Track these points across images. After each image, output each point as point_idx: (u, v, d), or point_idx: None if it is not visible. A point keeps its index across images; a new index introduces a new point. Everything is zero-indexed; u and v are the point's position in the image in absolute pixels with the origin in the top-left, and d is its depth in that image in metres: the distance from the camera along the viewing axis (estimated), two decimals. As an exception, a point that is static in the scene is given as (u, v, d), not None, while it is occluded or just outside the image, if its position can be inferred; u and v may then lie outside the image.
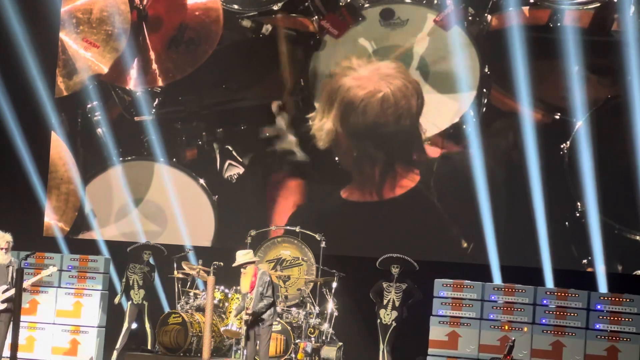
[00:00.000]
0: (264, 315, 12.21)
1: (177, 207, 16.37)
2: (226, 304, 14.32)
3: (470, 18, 15.50)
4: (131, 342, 14.91)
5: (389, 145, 15.58)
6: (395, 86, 15.45)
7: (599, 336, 13.40)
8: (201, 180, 16.48)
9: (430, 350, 13.82)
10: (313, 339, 14.10)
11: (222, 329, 13.17)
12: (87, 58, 16.82)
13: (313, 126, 15.88)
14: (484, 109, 15.44)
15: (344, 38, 16.00)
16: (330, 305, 14.37)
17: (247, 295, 12.29)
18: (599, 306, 13.48)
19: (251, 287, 12.27)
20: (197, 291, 14.77)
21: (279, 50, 16.01)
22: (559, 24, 15.08)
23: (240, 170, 16.32)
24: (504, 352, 12.36)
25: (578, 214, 14.88)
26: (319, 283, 14.59)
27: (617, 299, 13.45)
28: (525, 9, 15.27)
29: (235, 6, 16.41)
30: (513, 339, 12.45)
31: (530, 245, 14.77)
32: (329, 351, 14.21)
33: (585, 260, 14.73)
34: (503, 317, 13.69)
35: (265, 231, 15.56)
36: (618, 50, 14.69)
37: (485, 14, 15.44)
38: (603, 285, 14.39)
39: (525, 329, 13.54)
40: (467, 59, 15.43)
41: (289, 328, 13.90)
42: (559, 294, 13.65)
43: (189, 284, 14.86)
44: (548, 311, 13.58)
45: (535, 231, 14.77)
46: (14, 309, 12.29)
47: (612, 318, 13.40)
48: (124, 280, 14.88)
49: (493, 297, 13.78)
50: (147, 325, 14.71)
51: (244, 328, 12.25)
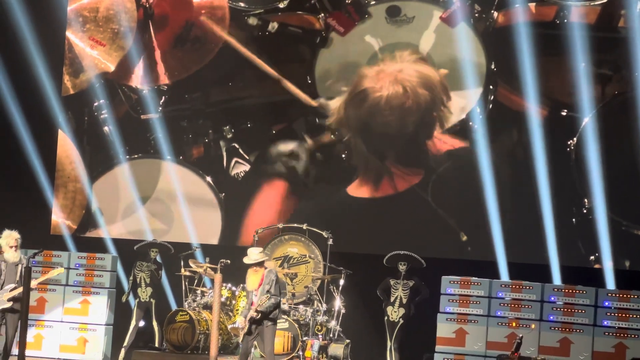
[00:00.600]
0: (270, 314, 12.22)
1: (184, 205, 16.38)
2: (233, 302, 14.34)
3: (476, 15, 15.49)
4: (139, 340, 14.93)
5: (396, 142, 15.57)
6: (412, 85, 15.40)
7: (606, 333, 13.39)
8: (208, 178, 16.49)
9: (437, 347, 13.83)
10: (320, 336, 14.09)
11: (230, 327, 13.17)
12: (94, 56, 16.82)
13: (331, 117, 15.90)
14: (491, 106, 15.42)
15: (350, 35, 15.99)
16: (338, 303, 14.36)
17: (253, 292, 12.29)
18: (606, 303, 13.47)
19: (259, 285, 12.28)
20: (204, 289, 14.78)
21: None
22: (565, 21, 15.06)
23: (247, 167, 16.33)
24: (511, 349, 12.35)
25: (585, 211, 14.85)
26: (326, 280, 14.59)
27: (625, 296, 13.44)
28: (532, 5, 15.24)
29: (242, 4, 16.41)
30: (521, 336, 12.44)
31: (538, 242, 14.75)
32: (337, 348, 14.21)
33: (592, 257, 14.71)
34: (510, 314, 13.68)
35: (272, 228, 15.56)
36: (625, 47, 14.66)
37: (492, 11, 15.42)
38: (611, 282, 14.37)
39: (533, 326, 13.54)
40: (474, 56, 15.41)
41: (296, 325, 13.90)
42: (567, 290, 13.63)
43: (196, 281, 14.86)
44: (556, 308, 13.58)
45: (542, 228, 14.75)
46: (22, 307, 12.29)
47: (620, 315, 13.39)
48: (131, 278, 14.90)
49: (500, 294, 13.78)
50: (155, 323, 14.72)
51: (247, 326, 12.22)
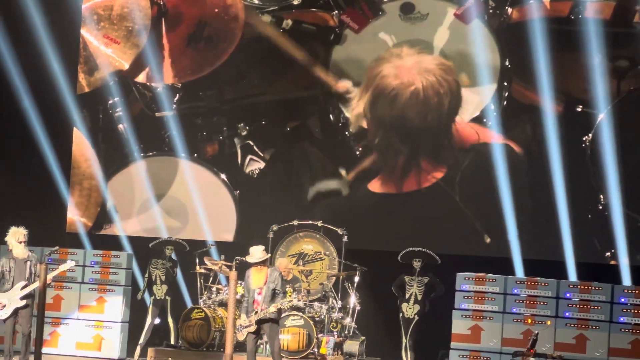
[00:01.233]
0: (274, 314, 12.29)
1: (199, 203, 16.39)
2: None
3: (490, 11, 15.46)
4: (154, 338, 14.96)
5: (413, 139, 15.55)
6: (429, 82, 15.38)
7: (623, 329, 13.35)
8: (222, 175, 16.50)
9: (452, 344, 13.82)
10: (335, 333, 14.09)
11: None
12: (108, 54, 16.85)
13: (349, 110, 15.90)
14: (505, 102, 15.39)
15: (364, 32, 15.98)
16: (353, 300, 14.36)
17: (256, 290, 12.33)
18: (622, 299, 13.43)
19: (264, 283, 12.33)
20: (220, 286, 14.80)
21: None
22: (580, 16, 15.02)
23: (262, 165, 16.34)
24: (527, 346, 12.27)
25: (601, 207, 14.81)
26: (341, 277, 14.60)
27: (641, 292, 13.42)
28: (546, 1, 15.20)
29: (256, 1, 16.42)
30: (536, 332, 12.38)
31: (553, 238, 14.72)
32: (352, 345, 14.21)
33: (608, 253, 14.68)
34: (526, 311, 13.66)
35: (287, 226, 15.58)
36: (640, 42, 14.64)
37: (506, 7, 15.39)
38: (627, 278, 14.33)
39: (549, 323, 13.52)
40: (488, 52, 15.38)
41: (311, 322, 13.91)
42: (582, 287, 13.60)
43: (211, 279, 14.89)
44: (571, 304, 13.55)
45: (558, 224, 14.73)
46: (39, 304, 12.33)
47: (636, 311, 13.35)
48: (146, 275, 14.92)
49: (516, 291, 13.76)
50: (170, 320, 14.74)
51: (252, 325, 12.27)
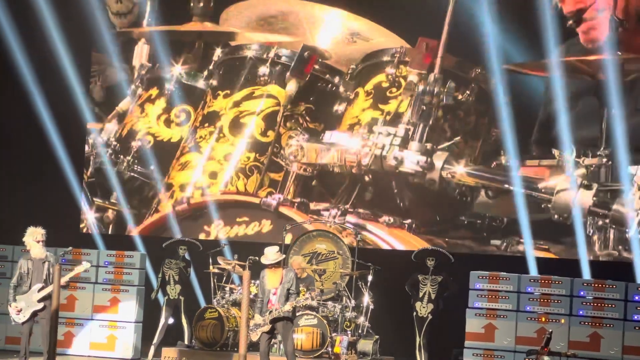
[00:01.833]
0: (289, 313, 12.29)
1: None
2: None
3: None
4: (168, 337, 14.97)
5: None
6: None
7: (637, 327, 13.29)
8: (235, 176, 16.58)
9: (466, 343, 13.80)
10: (349, 332, 14.09)
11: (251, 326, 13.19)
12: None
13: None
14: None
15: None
16: (366, 299, 14.35)
17: (272, 291, 12.34)
18: (637, 297, 13.37)
19: (279, 284, 12.33)
20: (233, 286, 14.81)
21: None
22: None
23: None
24: (541, 344, 12.28)
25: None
26: (354, 276, 14.59)
27: (656, 290, 13.38)
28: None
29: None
30: (550, 330, 12.37)
31: (567, 236, 14.70)
32: (366, 344, 14.20)
33: (622, 252, 14.62)
34: (540, 309, 13.62)
35: (300, 225, 15.58)
36: None
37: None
38: (642, 276, 14.31)
39: (563, 321, 13.47)
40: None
41: (325, 322, 13.90)
42: (597, 285, 13.56)
43: (224, 278, 14.89)
44: (585, 302, 13.50)
45: (571, 223, 14.69)
46: (52, 305, 12.34)
47: (651, 309, 13.33)
48: (160, 275, 14.92)
49: (529, 289, 13.72)
50: (184, 320, 14.74)
51: (267, 326, 12.28)
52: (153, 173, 16.80)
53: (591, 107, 14.80)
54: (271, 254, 12.41)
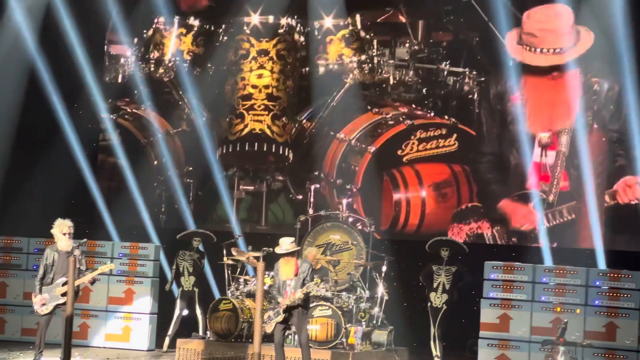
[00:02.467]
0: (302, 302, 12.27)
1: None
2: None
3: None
4: (182, 329, 14.99)
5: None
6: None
7: (653, 317, 13.28)
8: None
9: (481, 333, 13.77)
10: (364, 323, 14.07)
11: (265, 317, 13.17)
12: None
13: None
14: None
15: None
16: (381, 289, 14.32)
17: (287, 282, 12.31)
18: (653, 286, 13.36)
19: (294, 274, 12.31)
20: (247, 277, 14.79)
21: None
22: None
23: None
24: (556, 334, 12.27)
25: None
26: (368, 267, 14.57)
27: (672, 279, 13.32)
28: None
29: None
30: (565, 321, 12.35)
31: (582, 227, 14.67)
32: (380, 335, 14.18)
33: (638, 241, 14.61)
34: (555, 299, 13.58)
35: (314, 216, 15.58)
36: None
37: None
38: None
39: (578, 311, 13.43)
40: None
41: (339, 313, 13.88)
42: (612, 275, 13.50)
43: (238, 270, 14.88)
44: (601, 292, 13.45)
45: (587, 212, 14.66)
46: (67, 295, 12.31)
47: (667, 298, 13.28)
48: (174, 267, 14.93)
49: (544, 279, 13.68)
50: (198, 311, 14.76)
51: (281, 316, 12.26)
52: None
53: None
54: (285, 244, 12.38)
